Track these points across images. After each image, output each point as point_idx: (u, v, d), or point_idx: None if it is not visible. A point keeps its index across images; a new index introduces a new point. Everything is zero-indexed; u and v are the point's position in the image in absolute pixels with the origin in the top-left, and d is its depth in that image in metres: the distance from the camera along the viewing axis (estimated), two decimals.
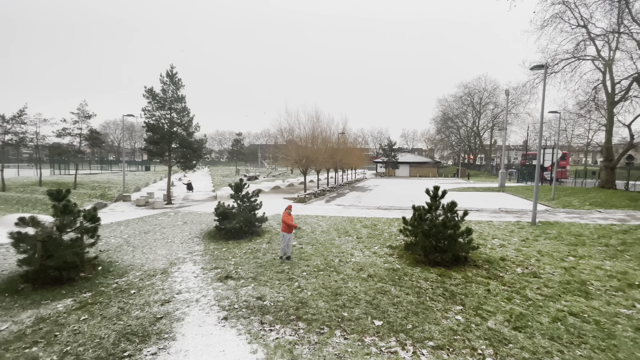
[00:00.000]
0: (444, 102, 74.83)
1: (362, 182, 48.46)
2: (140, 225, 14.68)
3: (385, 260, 9.33)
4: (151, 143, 21.89)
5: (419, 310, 6.31)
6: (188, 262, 9.38)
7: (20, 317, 6.07)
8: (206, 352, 4.95)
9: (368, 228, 13.57)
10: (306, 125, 26.29)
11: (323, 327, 5.64)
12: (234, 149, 69.07)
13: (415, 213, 9.26)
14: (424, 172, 66.03)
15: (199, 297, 6.93)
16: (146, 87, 21.22)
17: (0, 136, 23.86)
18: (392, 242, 11.26)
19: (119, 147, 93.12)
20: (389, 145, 64.19)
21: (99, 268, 8.65)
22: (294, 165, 26.44)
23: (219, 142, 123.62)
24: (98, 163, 60.20)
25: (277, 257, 9.64)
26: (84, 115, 26.55)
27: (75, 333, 5.46)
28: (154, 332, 5.51)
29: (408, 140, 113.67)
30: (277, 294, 7.05)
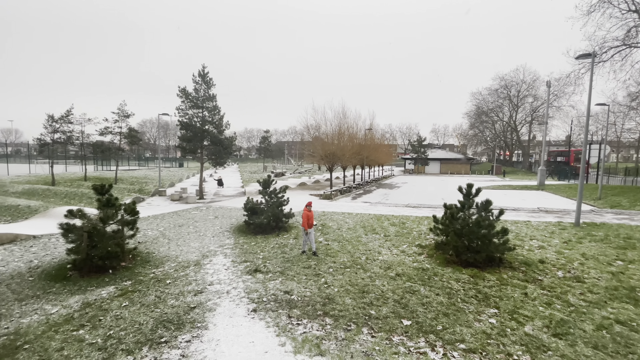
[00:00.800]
0: (478, 96, 71.33)
1: (390, 179, 47.62)
2: (174, 218, 15.41)
3: (414, 259, 9.11)
4: (184, 140, 22.84)
5: (450, 311, 6.11)
6: (219, 255, 9.71)
7: (68, 301, 6.59)
8: (237, 342, 5.10)
9: (396, 226, 13.32)
10: (332, 122, 26.21)
11: (350, 324, 5.62)
12: (262, 146, 70.55)
13: (446, 211, 8.94)
14: (456, 169, 63.62)
15: (229, 289, 7.15)
16: (179, 87, 22.12)
17: (50, 135, 26.00)
18: (422, 241, 10.97)
19: (155, 144, 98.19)
20: (418, 140, 62.41)
21: (137, 258, 9.19)
22: (320, 161, 26.50)
23: (248, 140, 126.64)
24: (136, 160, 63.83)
25: (303, 252, 9.73)
26: (124, 114, 28.25)
27: (117, 318, 5.85)
28: (188, 320, 5.77)
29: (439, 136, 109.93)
30: (304, 289, 7.12)
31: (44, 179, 27.77)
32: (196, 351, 4.86)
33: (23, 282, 7.56)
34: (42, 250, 10.02)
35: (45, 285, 7.37)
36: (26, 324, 5.66)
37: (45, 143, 25.86)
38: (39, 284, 7.44)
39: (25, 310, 6.21)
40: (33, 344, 5.03)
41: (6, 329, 5.52)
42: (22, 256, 9.38)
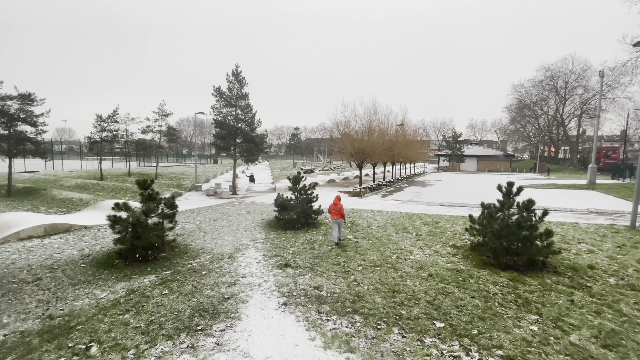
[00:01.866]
0: (520, 88, 66.56)
1: (422, 176, 46.25)
2: (209, 213, 16.08)
3: (448, 260, 8.79)
4: (219, 138, 23.71)
5: (487, 315, 5.82)
6: (251, 248, 10.00)
7: (115, 287, 7.11)
8: (268, 334, 5.23)
9: (429, 225, 12.92)
10: (363, 118, 25.88)
11: (380, 323, 5.55)
12: (292, 143, 71.39)
13: (484, 211, 8.52)
14: (494, 166, 60.36)
15: (260, 282, 7.34)
16: (214, 87, 22.95)
17: (99, 133, 28.15)
18: (456, 241, 10.55)
19: (191, 142, 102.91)
20: (453, 136, 59.85)
21: (176, 250, 9.70)
22: (349, 158, 26.30)
23: (278, 137, 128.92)
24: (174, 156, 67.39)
25: (333, 249, 9.75)
26: (163, 113, 29.93)
27: (158, 305, 6.22)
28: (222, 310, 6.00)
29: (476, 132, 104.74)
30: (334, 285, 7.13)
31: (94, 174, 30.17)
32: (230, 340, 5.04)
33: (76, 268, 8.27)
34: (92, 239, 10.90)
35: (95, 272, 8.02)
36: (79, 307, 6.19)
37: (94, 141, 28.07)
38: (90, 271, 8.10)
39: (78, 294, 6.79)
40: (85, 325, 5.49)
41: (62, 310, 6.07)
42: (76, 244, 10.26)
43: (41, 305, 6.28)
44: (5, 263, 8.44)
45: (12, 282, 7.32)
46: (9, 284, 7.19)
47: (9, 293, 6.78)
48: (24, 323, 5.61)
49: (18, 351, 4.77)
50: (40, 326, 5.49)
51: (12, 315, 5.90)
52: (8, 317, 5.81)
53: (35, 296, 6.68)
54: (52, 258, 8.89)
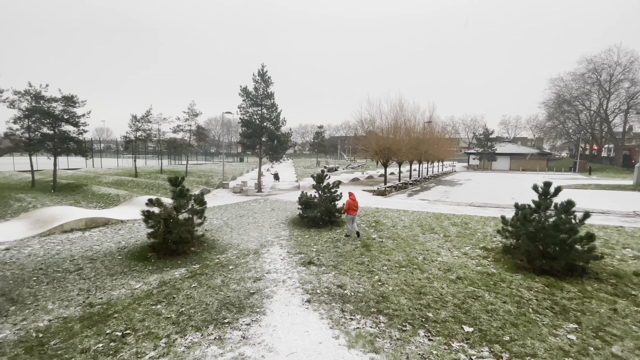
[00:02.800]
0: (559, 82, 62.39)
1: (451, 175, 44.80)
2: (236, 209, 16.49)
3: (478, 262, 8.44)
4: (245, 137, 24.25)
5: (520, 322, 5.54)
6: (275, 245, 10.14)
7: (148, 279, 7.47)
8: (292, 330, 5.28)
9: (457, 226, 12.48)
10: (388, 115, 25.40)
11: (405, 325, 5.43)
12: (315, 142, 71.48)
13: (518, 212, 8.09)
14: (529, 165, 57.18)
15: (285, 279, 7.43)
16: (241, 87, 23.48)
17: (134, 133, 29.71)
18: (487, 243, 10.11)
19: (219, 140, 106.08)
20: (484, 134, 57.27)
21: (204, 244, 10.04)
22: (374, 156, 25.94)
23: (302, 135, 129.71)
24: (202, 155, 69.76)
25: (357, 248, 9.67)
26: (193, 113, 31.03)
27: (188, 297, 6.46)
28: (248, 305, 6.13)
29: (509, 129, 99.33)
30: (357, 284, 7.07)
31: (129, 171, 31.90)
32: (255, 334, 5.14)
33: (113, 259, 8.78)
34: (128, 233, 11.52)
35: (130, 264, 8.47)
36: (115, 296, 6.57)
37: (129, 140, 29.67)
38: (126, 262, 8.57)
39: (115, 284, 7.20)
40: (121, 314, 5.81)
41: (100, 299, 6.47)
42: (113, 237, 10.89)
43: (82, 294, 6.72)
44: (50, 253, 9.12)
45: (56, 271, 7.90)
46: (54, 273, 7.76)
47: (54, 281, 7.32)
48: (66, 310, 6.03)
49: (61, 336, 5.13)
50: (81, 313, 5.88)
51: (56, 302, 6.36)
52: (53, 304, 6.27)
53: (76, 285, 7.16)
54: (92, 250, 9.50)
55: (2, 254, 8.95)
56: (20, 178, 24.27)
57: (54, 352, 4.68)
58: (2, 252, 9.16)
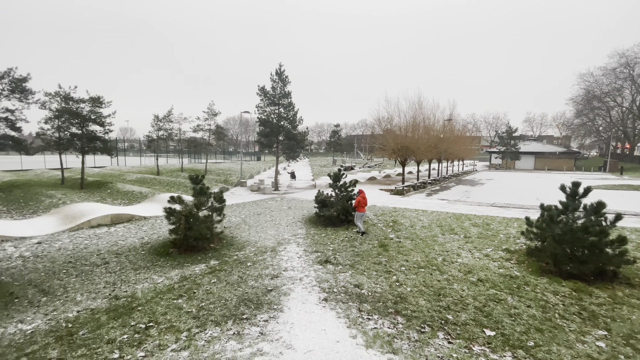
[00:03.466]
0: (588, 78, 59.50)
1: (472, 174, 43.63)
2: (254, 207, 16.71)
3: (501, 265, 8.18)
4: (262, 136, 24.50)
5: (545, 327, 5.33)
6: (292, 243, 10.20)
7: (170, 274, 7.69)
8: (309, 328, 5.29)
9: (479, 227, 12.14)
10: (407, 113, 25.00)
11: (424, 326, 5.34)
12: (332, 140, 71.33)
13: (543, 213, 7.78)
14: (555, 165, 54.83)
15: (302, 276, 7.46)
16: (259, 86, 23.73)
17: (156, 132, 30.64)
18: (510, 245, 9.78)
19: (237, 139, 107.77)
20: (507, 132, 55.32)
21: (223, 241, 10.23)
22: (392, 155, 25.60)
23: (318, 134, 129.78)
24: (221, 154, 71.13)
25: (374, 248, 9.59)
26: (212, 113, 31.65)
27: (208, 293, 6.60)
28: (266, 301, 6.20)
29: (534, 126, 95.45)
30: (375, 284, 7.00)
31: (151, 169, 32.94)
32: (273, 331, 5.19)
33: (137, 254, 9.09)
34: (150, 229, 11.90)
35: (153, 259, 8.75)
36: (139, 290, 6.79)
37: (152, 139, 30.62)
38: (148, 257, 8.85)
39: (139, 278, 7.46)
40: (144, 307, 6.01)
41: (125, 292, 6.71)
42: (136, 233, 11.28)
43: (108, 287, 6.99)
44: (79, 247, 9.55)
45: (84, 264, 8.26)
46: (82, 266, 8.12)
47: (82, 274, 7.66)
48: (94, 301, 6.29)
49: (89, 326, 5.36)
50: (107, 305, 6.12)
51: (84, 294, 6.66)
52: (81, 296, 6.56)
53: (103, 278, 7.46)
54: (117, 244, 9.87)
55: (34, 248, 9.45)
56: (51, 175, 25.55)
57: (82, 342, 4.89)
58: (35, 245, 9.67)
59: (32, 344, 4.86)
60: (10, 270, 7.73)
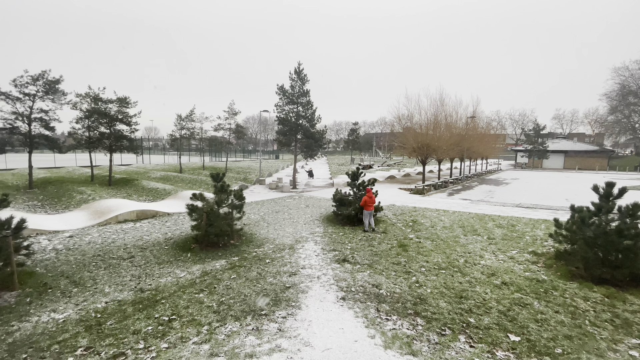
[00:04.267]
0: (624, 72, 56.02)
1: (496, 174, 42.20)
2: (272, 205, 16.90)
3: (527, 268, 7.86)
4: (281, 134, 24.70)
5: (574, 334, 5.07)
6: (310, 241, 10.23)
7: (192, 269, 7.90)
8: (327, 326, 5.29)
9: (503, 228, 11.72)
10: (428, 110, 24.47)
11: (444, 329, 5.21)
12: (350, 139, 70.87)
13: (574, 215, 7.40)
14: (587, 164, 52.08)
15: (319, 275, 7.46)
16: (277, 85, 23.91)
17: (179, 131, 31.55)
18: (537, 247, 9.38)
19: (256, 138, 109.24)
20: (534, 129, 53.00)
21: (243, 238, 10.40)
22: (412, 154, 25.15)
23: (336, 132, 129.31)
24: (241, 152, 72.36)
25: (393, 247, 9.46)
26: (233, 112, 32.21)
27: (228, 288, 6.73)
28: (284, 298, 6.25)
29: (564, 124, 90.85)
30: (394, 285, 6.91)
31: (174, 167, 33.97)
32: (291, 328, 5.23)
33: (161, 249, 9.40)
34: (173, 225, 12.27)
35: (175, 254, 9.02)
36: (163, 283, 7.02)
37: (175, 138, 31.57)
38: (172, 252, 9.14)
39: (162, 272, 7.71)
40: (167, 300, 6.21)
41: (150, 285, 6.96)
42: (160, 229, 11.67)
43: (134, 279, 7.27)
44: (107, 241, 9.99)
45: (112, 258, 8.63)
46: (110, 260, 8.49)
47: (110, 267, 8.00)
48: (120, 293, 6.56)
49: (116, 317, 5.59)
50: (133, 297, 6.37)
51: (112, 286, 6.95)
52: (109, 287, 6.86)
53: (129, 271, 7.77)
54: (142, 239, 10.25)
55: (66, 241, 9.97)
56: (82, 173, 26.88)
57: (110, 332, 5.12)
58: (67, 239, 10.20)
59: (63, 332, 5.12)
60: (44, 262, 8.19)
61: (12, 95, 17.88)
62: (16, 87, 17.85)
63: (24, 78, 17.90)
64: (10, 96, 17.85)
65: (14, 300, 6.17)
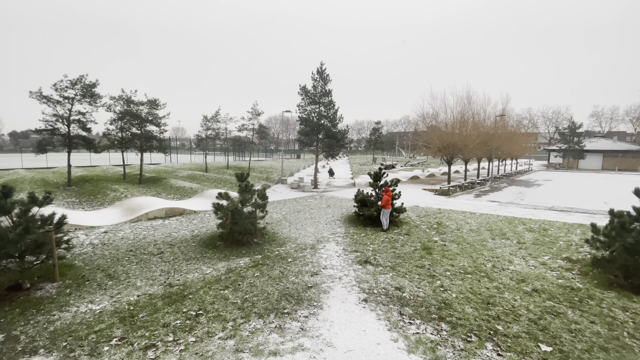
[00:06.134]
0: None
1: (527, 174, 40.35)
2: (294, 205, 17.07)
3: (560, 275, 7.48)
4: (303, 134, 24.88)
5: (611, 346, 4.78)
6: (331, 241, 10.25)
7: (217, 266, 8.14)
8: (349, 327, 5.29)
9: (534, 232, 11.20)
10: (454, 109, 23.78)
11: (470, 335, 5.06)
12: (372, 138, 70.18)
13: (613, 220, 6.96)
14: (628, 165, 48.71)
15: (341, 275, 7.47)
16: (300, 85, 24.11)
17: (205, 132, 32.53)
18: (572, 253, 8.90)
19: (278, 138, 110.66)
20: (570, 127, 50.19)
21: (265, 237, 10.59)
22: (437, 153, 24.55)
23: (358, 132, 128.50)
24: (263, 152, 73.57)
25: (416, 250, 9.29)
26: (256, 113, 32.82)
27: (251, 285, 6.89)
28: (306, 298, 6.31)
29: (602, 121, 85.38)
30: (417, 288, 6.79)
31: (200, 166, 35.07)
32: (313, 327, 5.27)
33: (188, 246, 9.76)
34: (200, 222, 12.70)
35: (202, 251, 9.33)
36: (190, 279, 7.29)
37: (201, 138, 32.59)
38: (198, 249, 9.46)
39: (190, 268, 8.00)
40: (194, 296, 6.44)
41: (178, 280, 7.24)
42: (188, 226, 12.11)
43: (163, 275, 7.60)
44: (138, 237, 10.49)
45: (143, 253, 9.06)
46: (141, 255, 8.91)
47: (141, 262, 8.40)
48: (151, 287, 6.88)
49: (147, 310, 5.87)
50: (162, 291, 6.66)
51: (143, 280, 7.30)
52: (141, 281, 7.20)
53: (159, 266, 8.13)
54: (170, 236, 10.69)
55: (102, 236, 10.57)
56: (115, 171, 28.36)
57: (142, 324, 5.38)
58: (102, 234, 10.82)
59: (99, 322, 5.45)
60: (82, 255, 8.74)
61: (53, 98, 19.18)
62: (56, 90, 19.14)
63: (64, 82, 19.16)
64: (51, 99, 19.16)
65: (55, 291, 6.62)
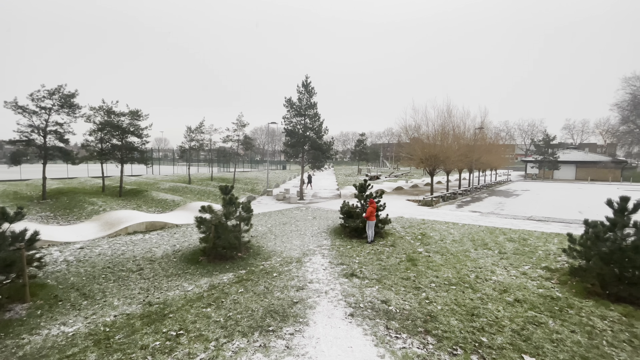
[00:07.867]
0: (635, 81, 55.61)
1: (505, 185, 41.61)
2: (279, 217, 16.89)
3: (540, 284, 7.65)
4: (288, 146, 24.90)
5: (591, 355, 4.90)
6: (317, 254, 10.16)
7: (199, 282, 7.89)
8: (335, 344, 5.20)
9: (514, 242, 11.49)
10: (435, 122, 24.43)
11: (456, 348, 5.07)
12: (357, 149, 70.96)
13: (588, 229, 7.23)
14: (599, 175, 51.17)
15: (327, 289, 7.38)
16: (285, 98, 24.27)
17: (188, 143, 32.04)
18: (550, 263, 9.16)
19: (264, 149, 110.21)
20: (544, 139, 52.52)
21: (250, 250, 10.39)
22: (419, 164, 25.02)
23: (343, 143, 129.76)
24: (248, 162, 72.98)
25: (402, 262, 9.33)
26: (241, 124, 32.66)
27: (235, 302, 6.70)
28: (292, 314, 6.18)
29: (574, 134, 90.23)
30: (403, 301, 6.79)
31: (183, 178, 34.36)
32: (299, 345, 5.15)
33: (169, 261, 9.44)
34: (182, 237, 12.34)
35: (184, 266, 9.04)
36: (171, 297, 7.02)
37: (184, 149, 32.05)
38: (180, 265, 9.16)
39: (170, 285, 7.72)
40: (175, 314, 6.19)
41: (158, 298, 6.96)
42: (169, 240, 11.74)
43: (142, 292, 7.29)
44: (116, 253, 10.08)
45: (121, 270, 8.69)
46: (119, 272, 8.54)
47: (119, 279, 8.05)
48: (129, 307, 6.58)
49: (124, 331, 5.60)
50: (141, 311, 6.37)
51: (121, 299, 6.98)
52: (118, 300, 6.88)
53: (138, 284, 7.80)
54: (151, 251, 10.32)
55: (77, 252, 10.09)
56: (93, 183, 27.36)
57: (118, 347, 5.11)
58: (78, 250, 10.33)
59: (72, 346, 5.14)
60: (55, 273, 8.29)
61: (29, 108, 18.49)
62: (33, 101, 18.47)
63: (41, 92, 18.53)
64: (27, 110, 18.45)
65: (25, 312, 6.23)
